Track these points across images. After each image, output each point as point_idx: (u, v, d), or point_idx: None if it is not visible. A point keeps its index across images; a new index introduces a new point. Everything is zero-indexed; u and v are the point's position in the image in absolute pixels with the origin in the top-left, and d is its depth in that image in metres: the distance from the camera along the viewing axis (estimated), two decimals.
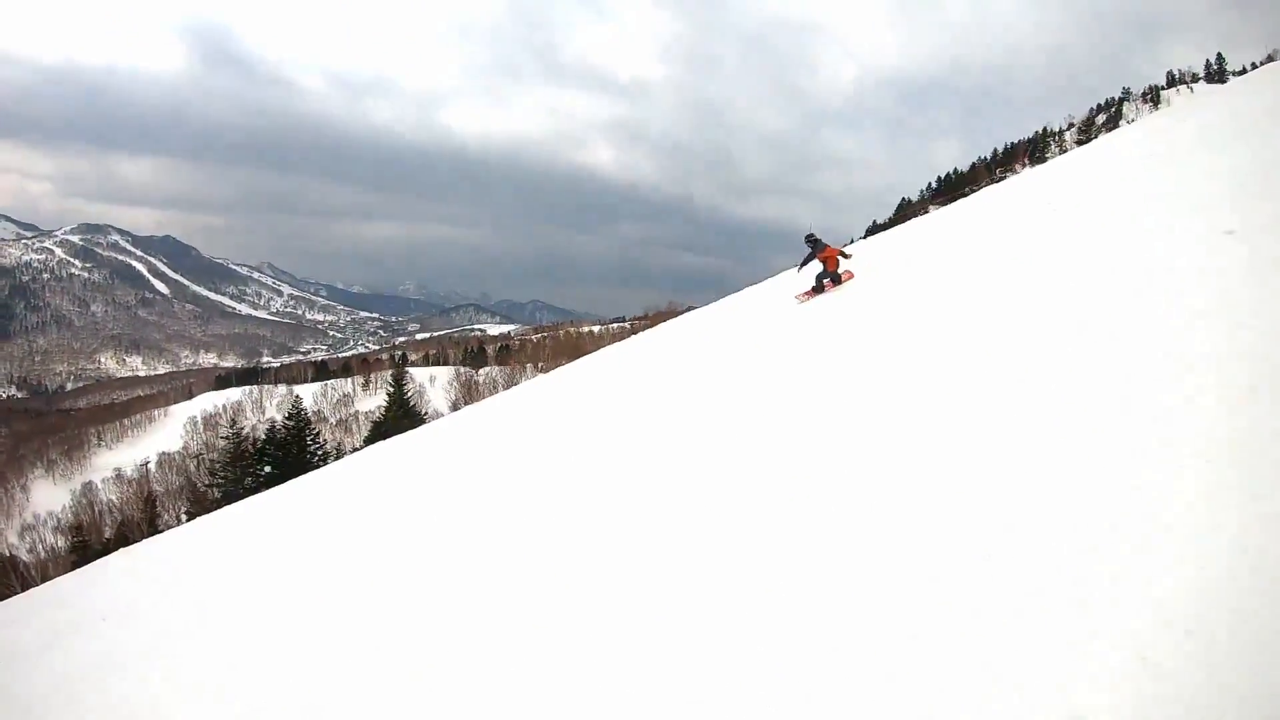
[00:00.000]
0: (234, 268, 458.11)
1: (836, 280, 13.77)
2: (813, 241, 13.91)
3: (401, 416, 44.42)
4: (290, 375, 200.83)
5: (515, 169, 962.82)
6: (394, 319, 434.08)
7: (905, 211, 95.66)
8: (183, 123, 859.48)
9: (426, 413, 58.40)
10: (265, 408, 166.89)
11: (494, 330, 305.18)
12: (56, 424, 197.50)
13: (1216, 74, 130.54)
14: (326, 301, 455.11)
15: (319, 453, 44.67)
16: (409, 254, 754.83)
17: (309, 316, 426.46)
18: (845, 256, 13.92)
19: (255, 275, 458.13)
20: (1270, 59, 75.63)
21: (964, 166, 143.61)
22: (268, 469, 41.36)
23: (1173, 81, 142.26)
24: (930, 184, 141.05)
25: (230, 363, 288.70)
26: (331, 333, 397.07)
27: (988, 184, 34.25)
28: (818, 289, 13.93)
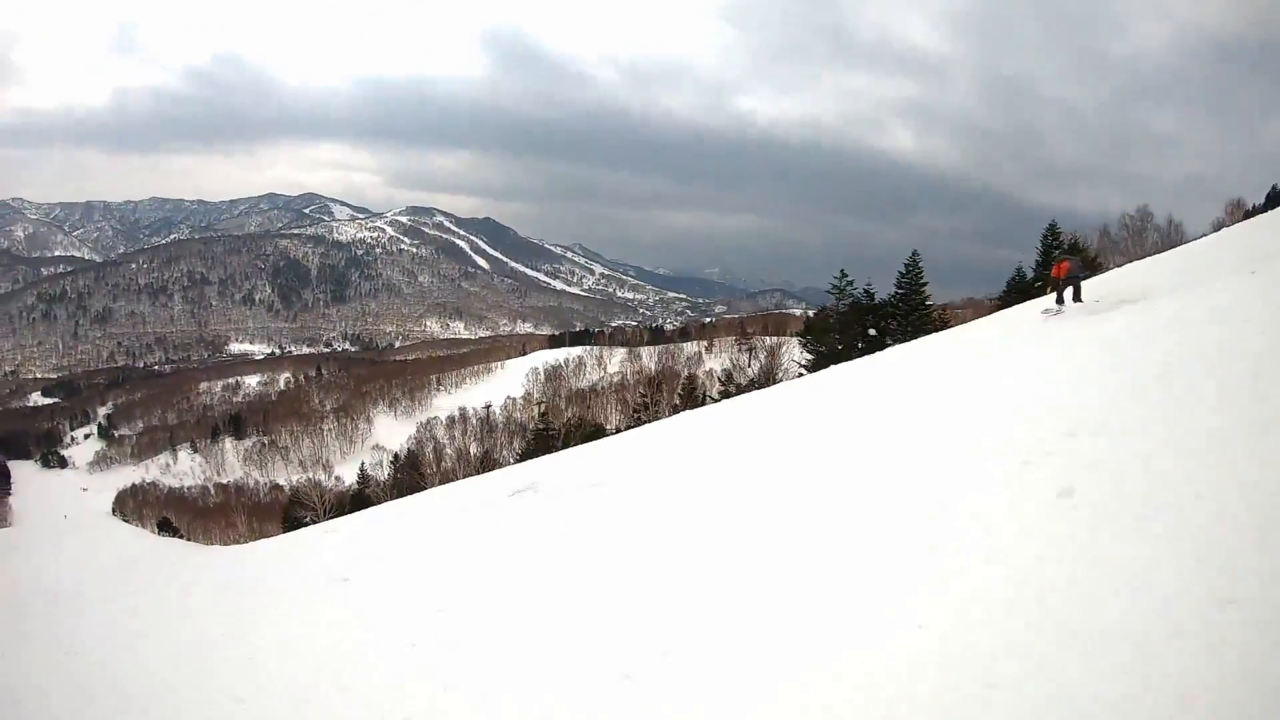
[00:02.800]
0: (549, 247, 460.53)
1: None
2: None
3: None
4: (624, 339, 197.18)
5: (811, 155, 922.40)
6: (700, 300, 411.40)
7: None
8: (489, 120, 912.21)
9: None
10: (607, 364, 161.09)
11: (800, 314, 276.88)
12: (395, 370, 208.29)
13: None
14: (635, 281, 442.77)
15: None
16: (711, 240, 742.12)
17: (619, 294, 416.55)
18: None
19: (568, 255, 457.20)
20: None
21: None
22: (872, 331, 40.88)
23: None
24: None
25: (546, 331, 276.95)
26: (641, 310, 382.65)
27: None
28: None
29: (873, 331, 40.83)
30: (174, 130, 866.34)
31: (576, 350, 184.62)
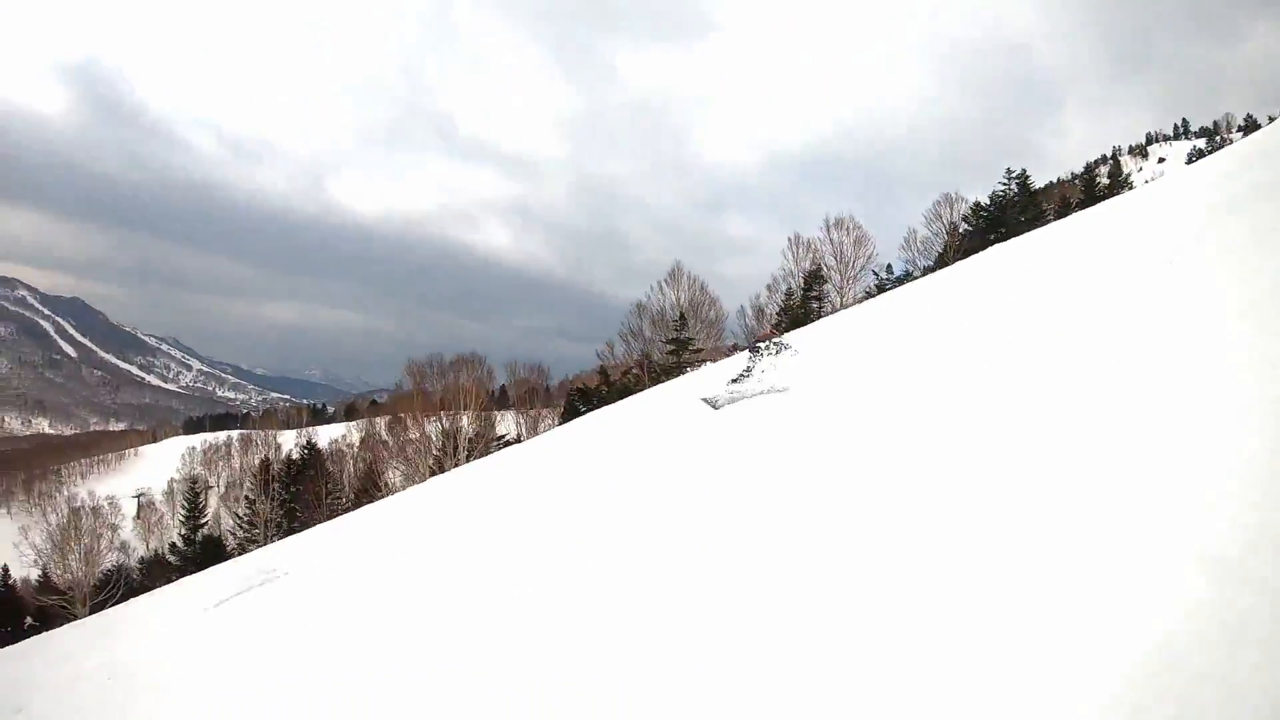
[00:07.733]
0: (143, 337, 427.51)
1: None
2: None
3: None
4: (269, 424, 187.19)
5: (410, 250, 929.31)
6: (304, 401, 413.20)
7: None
8: (70, 175, 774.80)
9: None
10: (271, 445, 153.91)
11: None
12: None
13: (1183, 133, 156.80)
14: (236, 380, 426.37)
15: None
16: (310, 339, 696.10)
17: (220, 393, 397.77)
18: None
19: (163, 347, 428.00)
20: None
21: None
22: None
23: (1151, 140, 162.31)
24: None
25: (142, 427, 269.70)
26: (244, 411, 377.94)
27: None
28: None
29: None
30: None
31: (228, 433, 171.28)
